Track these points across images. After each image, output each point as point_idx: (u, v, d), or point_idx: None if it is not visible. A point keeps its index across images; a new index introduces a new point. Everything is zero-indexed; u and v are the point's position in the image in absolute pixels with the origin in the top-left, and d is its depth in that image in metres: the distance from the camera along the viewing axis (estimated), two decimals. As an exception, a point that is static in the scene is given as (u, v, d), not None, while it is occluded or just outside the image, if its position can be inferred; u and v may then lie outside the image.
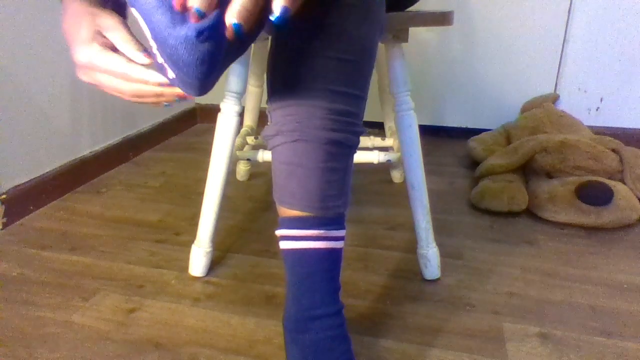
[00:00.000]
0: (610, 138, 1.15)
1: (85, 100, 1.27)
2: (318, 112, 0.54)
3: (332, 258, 0.58)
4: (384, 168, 1.37)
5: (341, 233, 0.59)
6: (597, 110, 1.51)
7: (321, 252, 0.57)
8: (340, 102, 0.54)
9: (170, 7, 0.38)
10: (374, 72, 1.08)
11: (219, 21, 0.39)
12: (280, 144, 0.56)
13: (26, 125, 1.10)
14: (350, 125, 0.56)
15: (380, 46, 1.11)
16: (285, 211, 0.58)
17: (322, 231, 0.56)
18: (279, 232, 0.59)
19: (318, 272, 0.57)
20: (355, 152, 0.59)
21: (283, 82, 0.55)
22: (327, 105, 0.54)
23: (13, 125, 1.07)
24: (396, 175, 1.29)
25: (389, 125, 1.20)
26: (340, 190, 0.57)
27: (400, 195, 1.21)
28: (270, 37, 0.60)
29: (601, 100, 1.50)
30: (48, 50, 1.13)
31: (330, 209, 0.57)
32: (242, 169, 1.29)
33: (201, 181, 1.30)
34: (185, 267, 0.89)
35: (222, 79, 0.93)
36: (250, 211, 1.12)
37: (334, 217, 0.57)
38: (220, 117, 0.80)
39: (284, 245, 0.58)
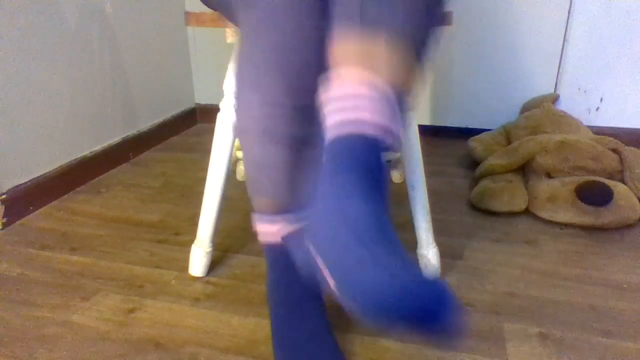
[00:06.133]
0: (610, 138, 1.15)
1: (85, 100, 1.27)
2: (279, 111, 0.55)
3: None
4: (384, 168, 1.37)
5: None
6: (597, 110, 1.51)
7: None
8: (302, 97, 0.55)
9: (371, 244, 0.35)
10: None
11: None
12: (247, 142, 0.59)
13: (26, 125, 1.10)
14: (313, 120, 0.57)
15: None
16: (259, 201, 0.63)
17: (292, 218, 0.61)
18: (255, 220, 0.64)
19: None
20: (322, 142, 0.61)
21: (246, 77, 0.57)
22: (290, 103, 0.55)
23: (13, 125, 1.07)
24: (396, 175, 1.29)
25: (389, 125, 1.19)
26: (310, 179, 0.60)
27: (400, 195, 1.21)
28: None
29: (601, 100, 1.50)
30: (48, 50, 1.13)
31: (300, 199, 0.60)
32: (242, 169, 1.29)
33: (201, 181, 1.30)
34: (185, 267, 0.89)
35: (221, 77, 0.94)
36: (250, 211, 1.12)
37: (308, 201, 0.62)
38: (220, 117, 0.80)
39: (258, 227, 0.64)
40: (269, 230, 0.63)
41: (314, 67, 0.54)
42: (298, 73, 0.53)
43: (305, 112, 0.55)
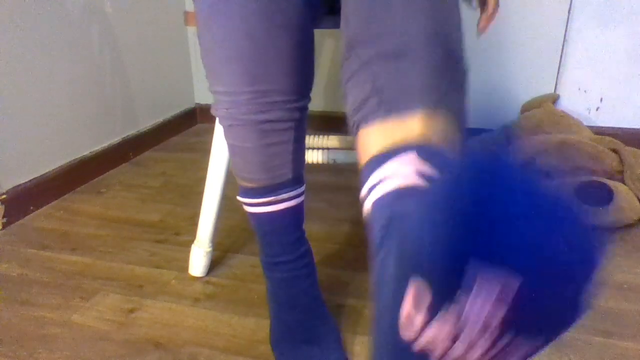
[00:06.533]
0: (610, 138, 1.15)
1: (85, 100, 1.27)
2: (240, 98, 0.56)
3: (287, 216, 0.64)
4: (384, 168, 1.37)
5: (293, 193, 0.63)
6: (597, 110, 1.51)
7: (274, 214, 0.63)
8: (261, 83, 0.55)
9: None
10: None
11: None
12: (222, 125, 0.60)
13: (26, 125, 1.10)
14: (277, 104, 0.57)
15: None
16: (241, 181, 0.63)
17: (271, 197, 0.62)
18: (239, 199, 0.65)
19: (275, 230, 0.65)
20: (298, 124, 0.61)
21: (209, 68, 0.58)
22: (249, 89, 0.55)
23: (13, 125, 1.07)
24: (396, 175, 1.29)
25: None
26: (286, 158, 0.61)
27: (400, 195, 1.20)
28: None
29: (601, 100, 1.50)
30: (48, 50, 1.13)
31: (276, 178, 0.61)
32: (242, 169, 1.29)
33: (201, 181, 1.30)
34: (185, 267, 0.89)
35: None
36: (250, 211, 1.12)
37: (283, 182, 0.62)
38: (220, 117, 0.80)
39: (245, 208, 0.65)
40: (251, 202, 0.64)
41: (268, 51, 0.54)
42: (251, 59, 0.54)
43: (267, 97, 0.56)
